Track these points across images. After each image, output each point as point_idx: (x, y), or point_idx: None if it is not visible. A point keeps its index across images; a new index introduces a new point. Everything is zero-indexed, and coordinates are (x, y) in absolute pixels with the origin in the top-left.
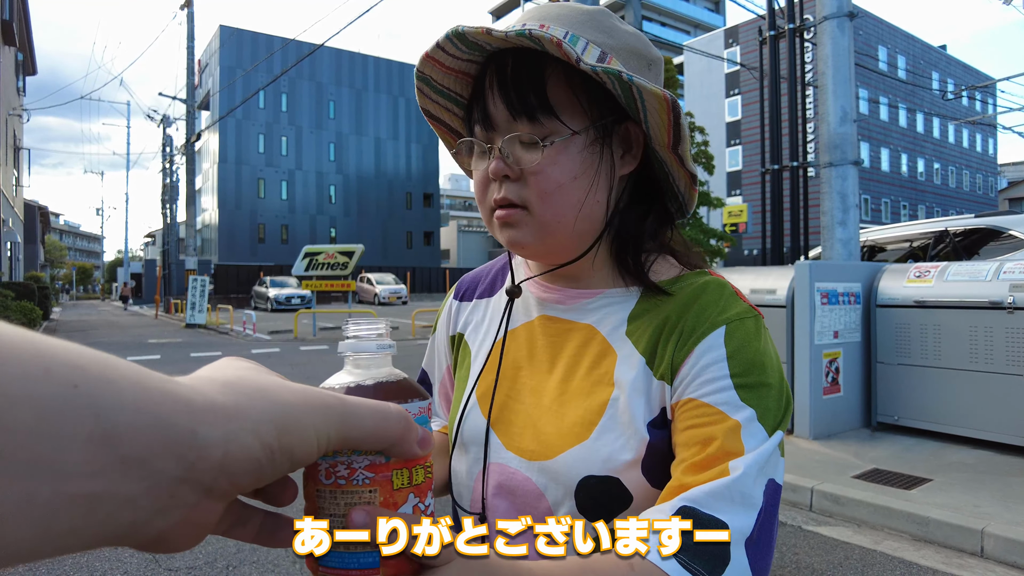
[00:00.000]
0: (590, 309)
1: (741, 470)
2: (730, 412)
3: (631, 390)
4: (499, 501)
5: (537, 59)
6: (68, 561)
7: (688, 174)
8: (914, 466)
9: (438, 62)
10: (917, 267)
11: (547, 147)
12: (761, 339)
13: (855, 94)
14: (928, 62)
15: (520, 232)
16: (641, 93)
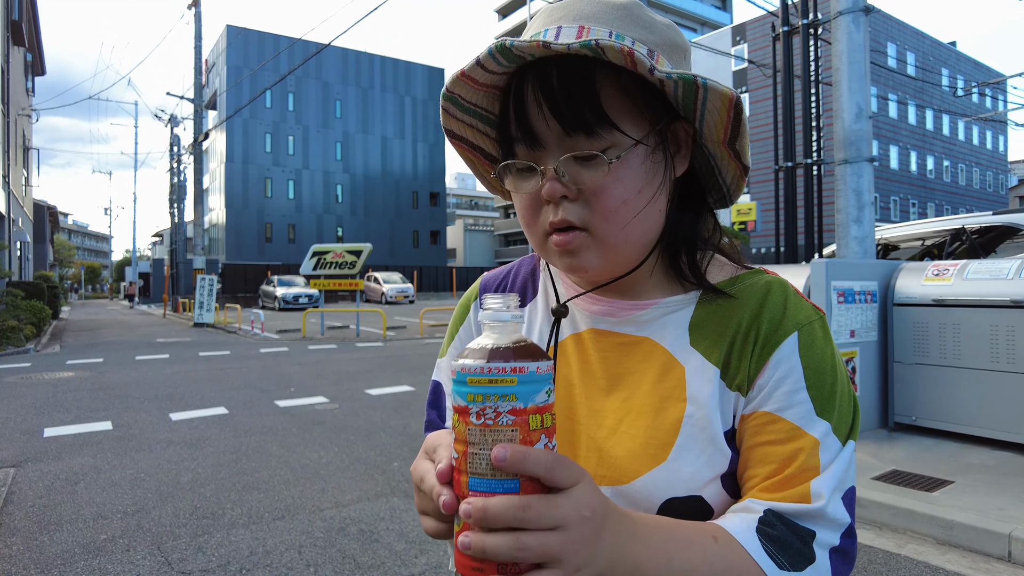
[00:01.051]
0: (645, 320)
1: (824, 498)
2: (807, 428)
3: (708, 405)
4: None
5: (585, 65)
6: (81, 564)
7: (740, 166)
8: (934, 468)
9: (472, 79)
10: (935, 265)
11: (612, 162)
12: (830, 343)
13: (869, 91)
14: (937, 59)
15: (582, 258)
16: (707, 95)
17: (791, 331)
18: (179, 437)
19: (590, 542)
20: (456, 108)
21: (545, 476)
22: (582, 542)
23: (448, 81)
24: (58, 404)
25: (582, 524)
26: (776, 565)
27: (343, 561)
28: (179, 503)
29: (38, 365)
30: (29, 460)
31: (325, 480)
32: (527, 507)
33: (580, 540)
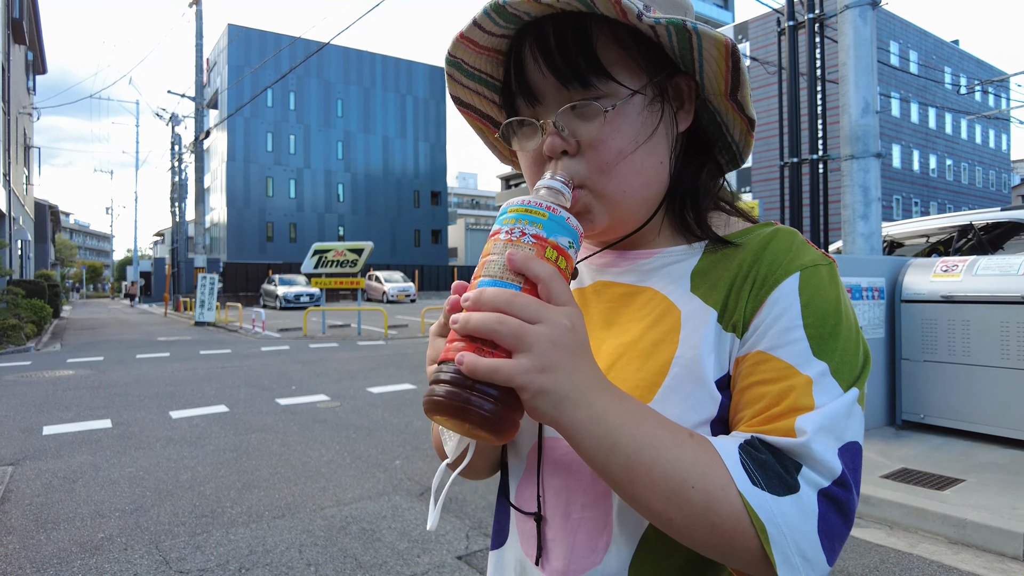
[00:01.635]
0: (647, 270)
1: (808, 434)
2: (801, 367)
3: (703, 347)
4: (554, 479)
5: (580, 21)
6: (77, 563)
7: (746, 120)
8: (945, 466)
9: (472, 42)
10: (944, 261)
11: (608, 111)
12: (837, 287)
13: (876, 86)
14: (940, 57)
15: (586, 219)
16: (701, 42)
17: (793, 271)
18: (179, 435)
19: (564, 353)
20: (461, 74)
21: (544, 282)
22: (556, 346)
23: (449, 45)
24: (58, 402)
25: (562, 331)
26: (750, 480)
27: (344, 560)
28: (178, 501)
29: (38, 363)
30: (27, 458)
31: (326, 478)
32: (517, 295)
33: (555, 343)
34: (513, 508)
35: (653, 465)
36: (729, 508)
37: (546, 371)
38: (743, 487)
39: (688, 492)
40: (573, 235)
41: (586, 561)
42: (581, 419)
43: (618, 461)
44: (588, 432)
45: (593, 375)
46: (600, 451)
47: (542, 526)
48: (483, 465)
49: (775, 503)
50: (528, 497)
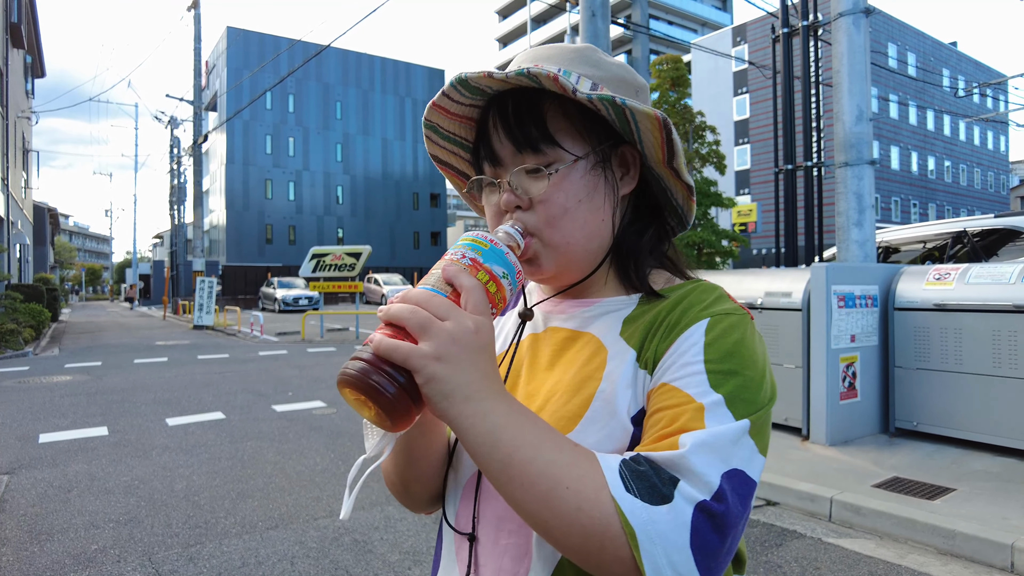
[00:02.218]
0: (588, 317)
1: (688, 445)
2: (697, 396)
3: (620, 383)
4: (487, 506)
5: (535, 96)
6: (70, 575)
7: (684, 185)
8: (936, 475)
9: (444, 109)
10: (937, 269)
11: (552, 174)
12: (744, 333)
13: (869, 93)
14: (939, 59)
15: (539, 266)
16: (634, 115)
17: (703, 317)
18: (175, 443)
19: (462, 349)
20: (438, 136)
21: (467, 290)
22: (456, 342)
23: (425, 111)
24: (55, 409)
25: (464, 330)
26: (624, 486)
27: (336, 572)
28: (172, 512)
29: (36, 369)
30: (23, 467)
31: (320, 488)
32: (435, 296)
33: (455, 339)
34: (452, 530)
35: (530, 464)
36: (600, 511)
37: (441, 360)
38: (616, 491)
39: (562, 492)
40: (509, 268)
41: None
42: (468, 413)
43: (498, 457)
44: (473, 427)
45: (487, 376)
46: (483, 447)
47: (475, 546)
48: (423, 495)
49: (646, 510)
50: (464, 521)
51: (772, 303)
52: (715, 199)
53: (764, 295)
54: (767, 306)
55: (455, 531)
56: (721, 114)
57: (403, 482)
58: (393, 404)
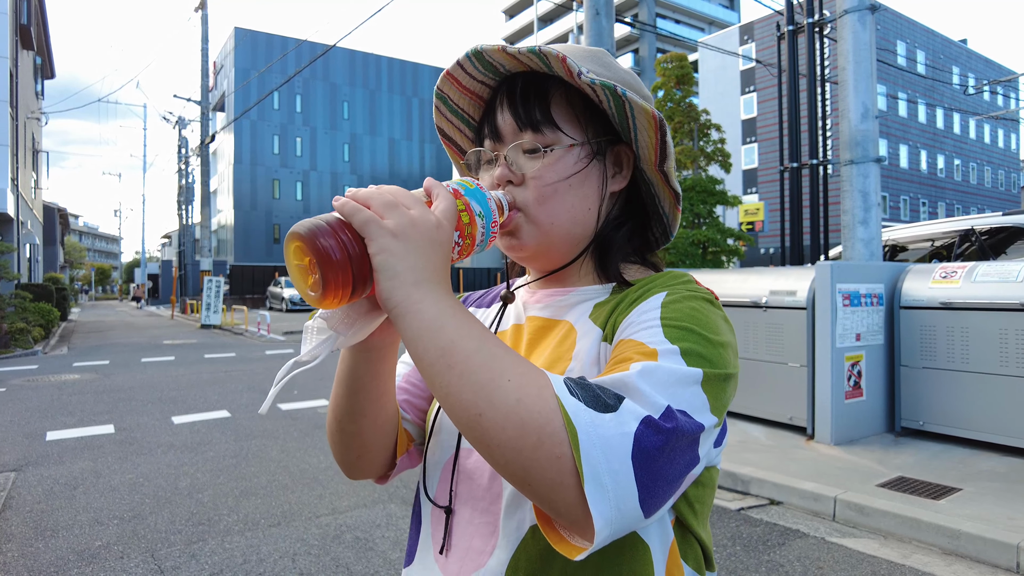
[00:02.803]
0: (564, 305)
1: (637, 370)
2: (651, 344)
3: (586, 360)
4: (462, 487)
5: (544, 81)
6: (74, 572)
7: (672, 192)
8: (942, 474)
9: (456, 81)
10: (943, 267)
11: (548, 153)
12: (704, 306)
13: (875, 90)
14: (948, 56)
15: (518, 236)
16: (632, 110)
17: (663, 290)
18: (180, 441)
19: (421, 236)
20: (446, 108)
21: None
22: (415, 226)
23: (439, 80)
24: (62, 407)
25: (427, 220)
26: (568, 391)
27: (336, 570)
28: (176, 509)
29: (45, 367)
30: (30, 464)
31: (323, 486)
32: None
33: (415, 223)
34: (430, 502)
35: (474, 353)
36: (542, 406)
37: (398, 237)
38: (560, 391)
39: (503, 383)
40: (487, 211)
41: (474, 563)
42: (416, 297)
43: (440, 344)
44: (419, 311)
45: (439, 270)
46: (426, 331)
47: (451, 520)
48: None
49: (590, 414)
50: (443, 497)
51: (776, 302)
52: (721, 197)
53: (769, 294)
54: (772, 305)
55: (433, 504)
56: (728, 113)
57: (337, 419)
58: (335, 270)
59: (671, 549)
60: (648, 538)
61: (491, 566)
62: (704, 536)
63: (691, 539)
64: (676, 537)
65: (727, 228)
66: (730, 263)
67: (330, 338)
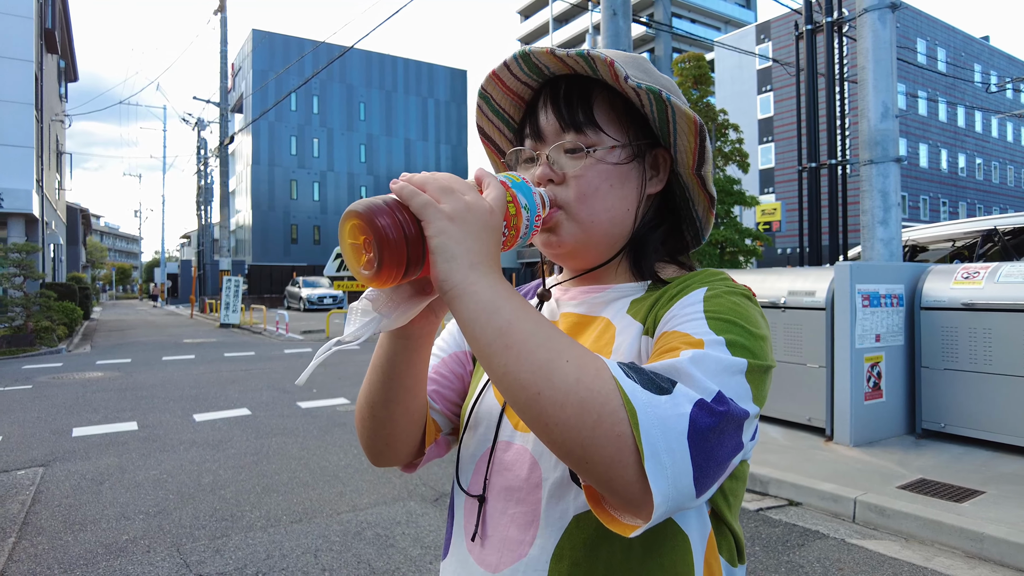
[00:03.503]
0: (600, 302)
1: (688, 357)
2: (696, 335)
3: (628, 354)
4: (497, 478)
5: (587, 83)
6: (102, 565)
7: (707, 196)
8: (964, 477)
9: (501, 81)
10: (965, 268)
11: (590, 153)
12: (744, 301)
13: (895, 89)
14: (970, 54)
15: (558, 233)
16: (675, 114)
17: (703, 286)
18: (202, 438)
19: (475, 220)
20: (488, 108)
21: (489, 188)
22: (471, 211)
23: (483, 80)
24: (87, 404)
25: (481, 206)
26: (624, 373)
27: (358, 566)
28: (199, 505)
29: (69, 365)
30: (58, 459)
31: (343, 483)
32: (460, 179)
33: (471, 208)
34: (463, 492)
35: (531, 334)
36: (600, 385)
37: (454, 220)
38: (617, 373)
39: (562, 364)
40: (532, 204)
41: (514, 554)
42: (472, 279)
43: (497, 324)
44: (476, 293)
45: (492, 255)
46: (483, 313)
47: (483, 508)
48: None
49: (647, 395)
50: (476, 488)
51: (795, 302)
52: (738, 197)
53: (787, 294)
54: (790, 305)
55: (466, 493)
56: (745, 112)
57: (370, 404)
58: (391, 249)
59: (708, 540)
60: (688, 529)
61: (533, 555)
62: (737, 528)
63: (725, 531)
64: (712, 528)
65: (744, 228)
66: (747, 263)
67: (374, 320)
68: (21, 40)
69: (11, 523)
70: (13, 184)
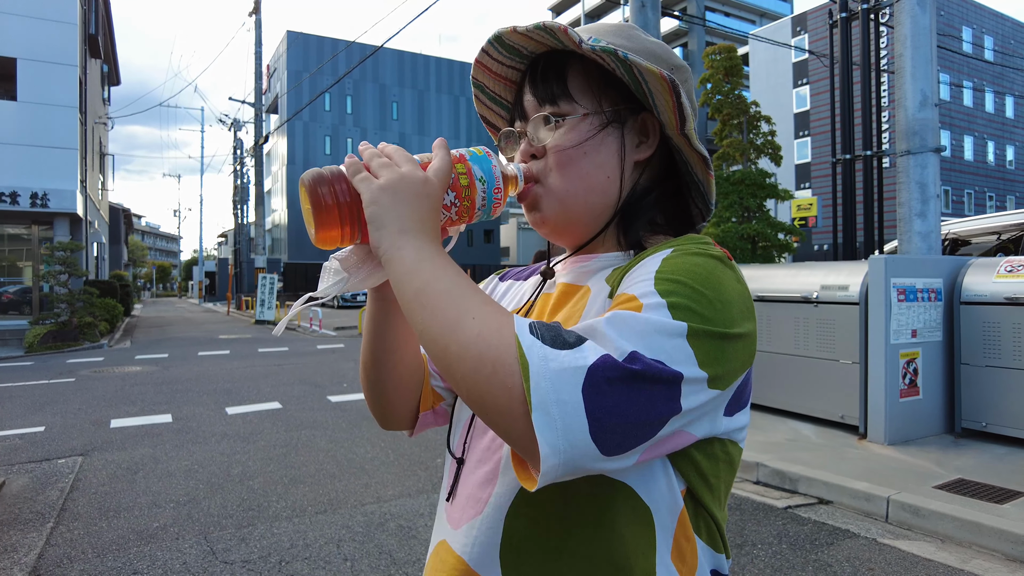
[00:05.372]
0: (586, 271)
1: (608, 317)
2: (639, 296)
3: (592, 316)
4: (475, 441)
5: (564, 58)
6: (133, 551)
7: (699, 156)
8: (1007, 478)
9: (487, 68)
10: (1009, 261)
11: (560, 123)
12: (709, 263)
13: (936, 77)
14: (1019, 41)
15: (541, 209)
16: (643, 74)
17: (670, 248)
18: (233, 430)
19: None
20: (485, 96)
21: (435, 159)
22: (404, 180)
23: (472, 69)
24: (125, 397)
25: (414, 178)
26: (529, 331)
27: (379, 556)
28: (228, 495)
29: (110, 360)
30: (96, 449)
31: (369, 475)
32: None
33: (404, 178)
34: (450, 454)
35: (444, 294)
36: (499, 340)
37: (385, 190)
38: (519, 329)
39: (467, 321)
40: (490, 177)
41: (473, 510)
42: (399, 244)
43: (416, 285)
44: (401, 258)
45: (424, 220)
46: (405, 275)
47: (460, 470)
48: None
49: (544, 349)
50: (458, 449)
51: (828, 297)
52: (771, 191)
53: (820, 288)
54: (823, 300)
55: (451, 455)
56: (781, 106)
57: (363, 366)
58: (322, 213)
59: (680, 518)
60: (650, 501)
61: (488, 512)
62: (718, 515)
63: (704, 515)
64: (687, 508)
65: (778, 222)
66: (781, 258)
67: (342, 279)
68: (66, 46)
69: (50, 509)
70: (58, 185)
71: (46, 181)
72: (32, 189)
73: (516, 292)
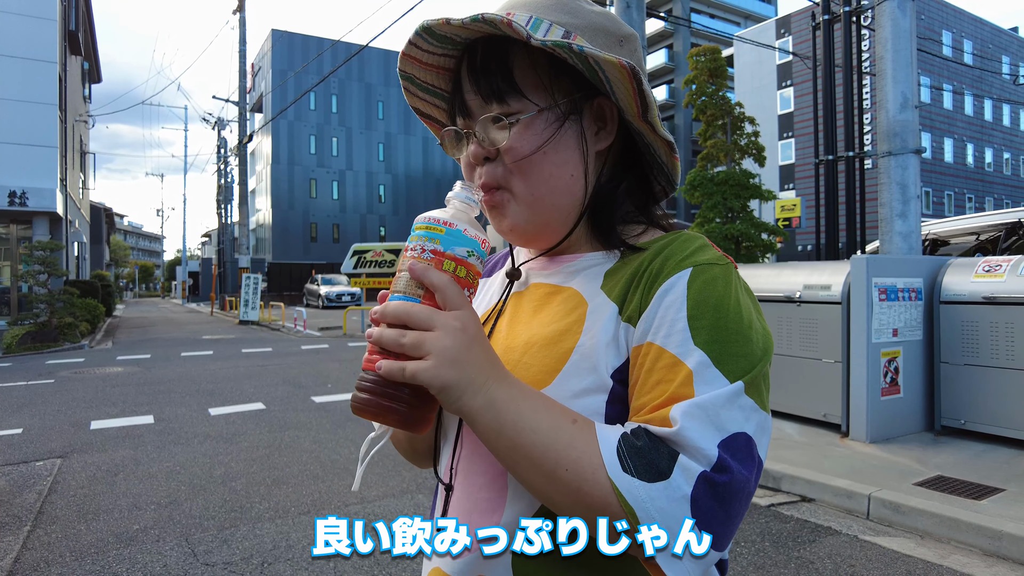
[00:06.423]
0: (570, 272)
1: (679, 422)
2: (684, 357)
3: (601, 338)
4: (466, 464)
5: (504, 46)
6: (112, 553)
7: (664, 142)
8: (985, 475)
9: (416, 59)
10: (986, 261)
11: (514, 124)
12: (729, 286)
13: (916, 80)
14: (997, 46)
15: (509, 216)
16: (599, 64)
17: (686, 267)
18: (216, 431)
19: (461, 352)
20: (416, 88)
21: (440, 290)
22: (451, 347)
23: (398, 61)
24: (106, 398)
25: (453, 333)
26: (620, 466)
27: (363, 557)
28: (210, 496)
29: (91, 360)
30: (75, 451)
31: (353, 476)
32: (414, 307)
33: (450, 344)
34: (438, 480)
35: (532, 448)
36: (599, 490)
37: (444, 367)
38: (612, 471)
39: (562, 474)
40: (473, 244)
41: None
42: (477, 407)
43: (504, 444)
44: (481, 418)
45: (486, 366)
46: (491, 435)
47: (449, 496)
48: (424, 450)
49: (643, 488)
50: (446, 473)
51: (811, 296)
52: (755, 191)
53: (803, 288)
54: (806, 299)
55: (440, 481)
56: (765, 108)
57: (396, 442)
58: (407, 419)
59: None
60: None
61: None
62: None
63: None
64: None
65: (761, 222)
66: (765, 259)
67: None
68: (45, 42)
69: (27, 512)
70: (38, 183)
71: (25, 179)
72: (10, 187)
73: (484, 291)
